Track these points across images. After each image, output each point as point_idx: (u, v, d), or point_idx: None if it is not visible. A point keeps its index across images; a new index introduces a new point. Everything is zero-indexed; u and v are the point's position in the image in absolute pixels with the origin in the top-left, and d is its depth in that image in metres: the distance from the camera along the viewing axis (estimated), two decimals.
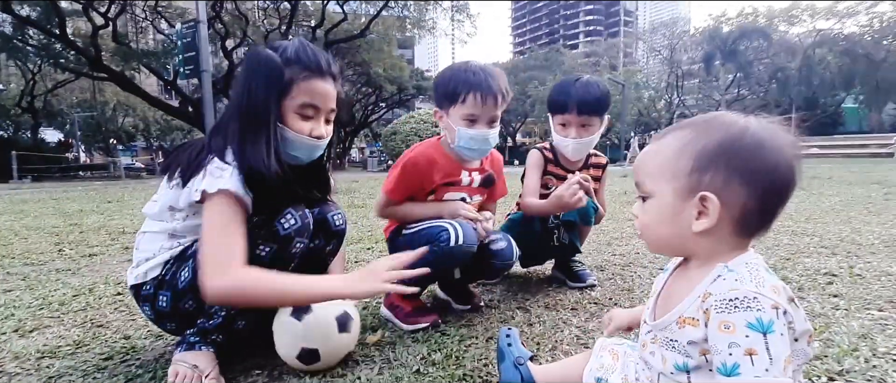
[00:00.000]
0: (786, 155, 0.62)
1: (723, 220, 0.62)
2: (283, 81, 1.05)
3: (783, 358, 0.55)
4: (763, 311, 0.56)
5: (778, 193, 0.62)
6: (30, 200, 6.45)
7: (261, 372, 1.14)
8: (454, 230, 1.34)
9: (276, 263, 1.07)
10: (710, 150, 0.62)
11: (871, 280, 1.76)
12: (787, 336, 0.56)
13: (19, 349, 1.29)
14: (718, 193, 0.61)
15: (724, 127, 0.64)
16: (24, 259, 2.51)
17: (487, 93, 1.35)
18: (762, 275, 0.60)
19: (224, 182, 0.99)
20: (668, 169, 0.65)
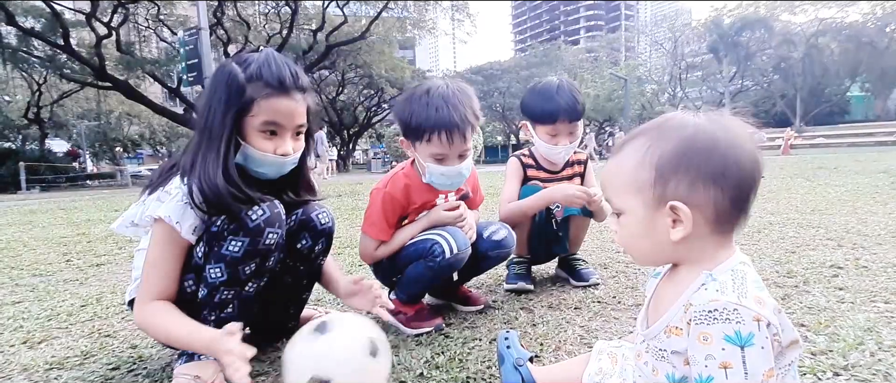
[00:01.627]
0: (744, 146, 0.61)
1: (698, 223, 0.61)
2: (242, 99, 1.04)
3: (762, 372, 0.55)
4: (742, 324, 0.55)
5: (745, 185, 0.62)
6: (38, 211, 6.52)
7: (265, 377, 1.15)
8: (446, 241, 1.33)
9: (252, 258, 1.07)
10: (668, 158, 0.62)
11: (877, 271, 1.74)
12: (769, 349, 0.56)
13: (28, 361, 1.30)
14: (686, 199, 0.61)
15: (677, 131, 0.63)
16: (33, 270, 2.54)
17: (452, 130, 1.26)
18: (747, 284, 0.59)
19: (162, 208, 1.02)
20: (632, 183, 0.65)
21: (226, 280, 1.07)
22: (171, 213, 1.01)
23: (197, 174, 1.02)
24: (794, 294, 1.54)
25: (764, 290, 0.60)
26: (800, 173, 6.58)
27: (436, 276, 1.37)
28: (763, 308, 0.57)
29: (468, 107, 1.30)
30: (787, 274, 1.77)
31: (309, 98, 1.13)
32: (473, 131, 1.33)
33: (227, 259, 1.06)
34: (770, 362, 0.55)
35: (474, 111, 1.32)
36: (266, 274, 1.16)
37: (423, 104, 1.28)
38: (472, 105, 1.32)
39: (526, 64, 33.27)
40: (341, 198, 6.20)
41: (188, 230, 1.04)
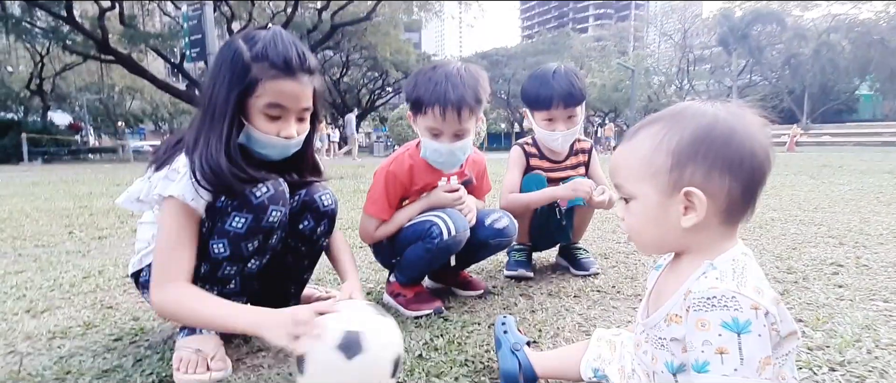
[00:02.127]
0: (758, 138, 0.62)
1: (710, 212, 0.62)
2: (247, 79, 1.02)
3: (758, 359, 0.55)
4: (740, 311, 0.56)
5: (758, 176, 0.63)
6: (40, 183, 6.54)
7: (266, 354, 1.16)
8: (444, 223, 1.33)
9: (256, 235, 1.07)
10: (686, 144, 0.62)
11: (877, 270, 1.74)
12: (766, 337, 0.56)
13: (31, 329, 1.32)
14: (702, 186, 0.61)
15: (695, 118, 0.63)
16: (36, 241, 2.56)
17: (446, 106, 1.27)
18: (746, 274, 0.60)
19: (173, 187, 1.00)
20: (647, 168, 0.65)
21: (228, 256, 1.07)
22: (184, 192, 1.00)
23: (199, 153, 1.01)
24: (793, 290, 1.55)
25: (764, 281, 0.60)
26: (804, 170, 6.55)
27: (434, 258, 1.37)
28: (762, 297, 0.57)
29: (470, 88, 1.30)
30: (788, 270, 1.78)
31: (316, 80, 1.11)
32: (472, 114, 1.33)
33: (231, 235, 1.06)
34: (767, 350, 0.56)
35: (476, 94, 1.32)
36: (268, 251, 1.16)
37: (427, 78, 1.31)
38: (475, 88, 1.32)
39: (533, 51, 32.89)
40: (343, 181, 6.19)
41: (202, 206, 1.03)
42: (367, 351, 0.82)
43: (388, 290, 1.51)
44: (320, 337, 0.82)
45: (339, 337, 0.81)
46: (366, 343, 0.82)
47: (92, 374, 1.05)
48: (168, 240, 1.01)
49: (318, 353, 0.81)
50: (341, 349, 0.80)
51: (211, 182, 1.00)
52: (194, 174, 1.00)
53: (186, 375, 1.02)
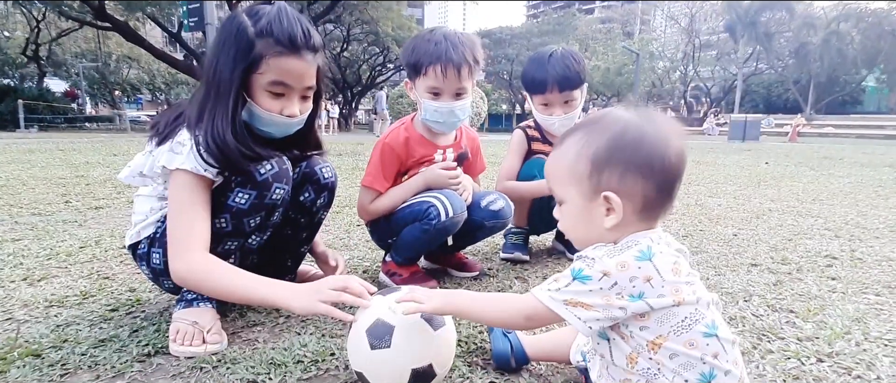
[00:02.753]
0: (668, 140, 0.67)
1: (628, 211, 0.68)
2: (251, 55, 1.00)
3: (570, 296, 0.66)
4: (589, 268, 0.65)
5: (671, 177, 0.68)
6: (36, 150, 6.50)
7: (262, 328, 1.17)
8: (441, 204, 1.33)
9: (258, 211, 1.08)
10: (602, 151, 0.68)
11: (871, 264, 1.75)
12: (596, 294, 0.65)
13: (28, 297, 1.32)
14: (617, 190, 0.67)
15: (609, 126, 0.69)
16: (32, 209, 2.55)
17: (448, 64, 1.31)
18: (625, 252, 0.65)
19: (181, 160, 0.99)
20: (571, 174, 0.70)
21: (231, 230, 1.07)
22: (197, 165, 0.99)
23: (205, 129, 1.00)
24: (786, 280, 1.56)
25: (646, 260, 0.64)
26: (805, 162, 6.54)
27: (431, 239, 1.38)
28: (623, 270, 0.64)
29: (468, 48, 1.34)
30: (782, 261, 1.79)
31: (320, 58, 1.09)
32: (471, 73, 1.37)
33: (234, 210, 1.06)
34: (587, 300, 0.65)
35: (474, 54, 1.36)
36: (269, 228, 1.17)
37: (426, 40, 1.35)
38: (473, 48, 1.36)
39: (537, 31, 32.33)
40: (342, 158, 6.17)
41: (213, 172, 1.03)
42: (447, 324, 0.86)
43: (384, 269, 1.51)
44: (394, 379, 0.81)
45: (409, 375, 0.81)
46: (437, 371, 0.84)
47: (89, 343, 1.06)
48: (182, 211, 1.00)
49: (405, 325, 0.81)
50: (425, 319, 0.83)
51: (217, 158, 1.00)
52: (199, 150, 0.99)
53: (182, 347, 1.03)
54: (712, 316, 0.66)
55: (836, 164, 6.19)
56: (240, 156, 1.01)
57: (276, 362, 0.99)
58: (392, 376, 0.81)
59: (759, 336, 1.14)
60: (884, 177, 4.71)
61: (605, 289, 0.64)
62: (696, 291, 0.66)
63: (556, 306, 0.67)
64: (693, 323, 0.64)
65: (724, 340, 0.65)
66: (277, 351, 1.03)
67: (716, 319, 0.66)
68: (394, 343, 0.80)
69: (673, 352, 0.64)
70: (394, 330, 0.80)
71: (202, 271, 0.98)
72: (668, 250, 0.67)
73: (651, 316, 0.65)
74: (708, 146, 11.01)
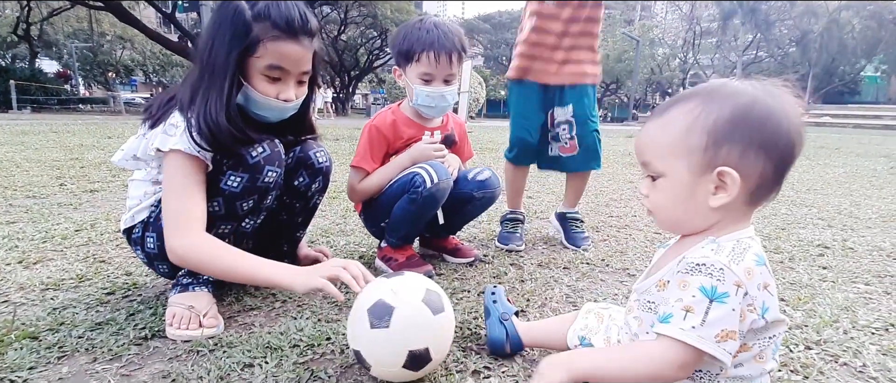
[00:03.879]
0: (793, 120, 0.62)
1: (740, 192, 0.62)
2: (248, 39, 0.99)
3: (719, 328, 0.57)
4: (722, 283, 0.58)
5: (789, 157, 0.63)
6: (30, 132, 6.43)
7: (258, 312, 1.18)
8: (426, 172, 1.36)
9: (251, 194, 1.07)
10: (722, 124, 0.61)
11: (862, 254, 1.78)
12: (736, 314, 0.57)
13: (24, 280, 1.32)
14: (737, 166, 0.61)
15: (733, 97, 0.62)
16: (26, 191, 2.54)
17: (440, 51, 1.36)
18: (745, 254, 0.60)
19: (175, 141, 0.98)
20: (680, 146, 0.63)
21: (223, 214, 1.07)
22: (190, 146, 0.99)
23: (198, 111, 0.99)
24: (778, 269, 1.58)
25: (762, 265, 0.61)
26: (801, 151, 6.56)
27: (421, 209, 1.39)
28: (750, 279, 0.58)
29: (457, 37, 1.40)
30: (775, 250, 1.80)
31: (316, 43, 1.09)
32: (460, 61, 1.42)
33: (226, 193, 1.06)
34: (734, 325, 0.58)
35: (462, 43, 1.42)
36: (263, 211, 1.17)
37: (416, 28, 1.39)
38: (460, 37, 1.42)
39: None
40: (338, 143, 6.14)
41: (206, 155, 1.02)
42: (446, 310, 0.87)
43: (380, 255, 1.52)
44: (390, 359, 0.83)
45: (422, 294, 0.85)
46: (444, 302, 0.88)
47: (85, 326, 1.06)
48: (178, 192, 1.00)
49: (389, 369, 0.84)
50: (426, 303, 0.84)
51: (209, 141, 0.99)
52: (191, 133, 0.98)
53: (179, 330, 1.04)
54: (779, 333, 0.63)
55: (831, 154, 6.21)
56: (232, 139, 1.01)
57: (273, 346, 1.00)
58: (389, 356, 0.82)
59: None
60: (878, 167, 4.74)
61: (742, 304, 0.58)
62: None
63: (710, 347, 0.58)
64: (774, 338, 0.62)
65: (774, 361, 0.64)
66: (274, 336, 1.04)
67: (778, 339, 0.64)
68: (393, 323, 0.81)
69: (738, 362, 0.61)
70: (394, 311, 0.82)
71: (203, 250, 0.98)
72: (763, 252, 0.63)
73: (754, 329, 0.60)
74: None
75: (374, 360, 0.84)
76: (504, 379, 0.91)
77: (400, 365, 0.82)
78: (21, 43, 21.53)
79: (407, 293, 0.86)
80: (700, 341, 0.58)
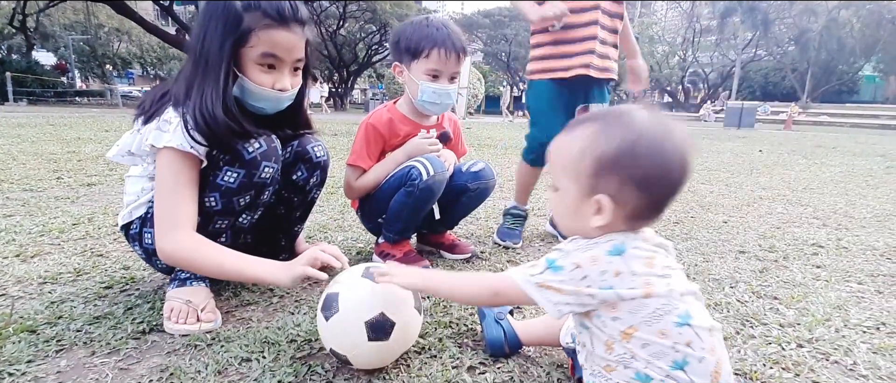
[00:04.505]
0: (678, 156, 0.66)
1: (617, 217, 0.69)
2: (240, 28, 0.99)
3: (544, 280, 0.69)
4: (564, 260, 0.69)
5: (668, 192, 0.68)
6: (27, 125, 6.40)
7: (255, 307, 1.18)
8: (422, 165, 1.37)
9: (247, 190, 1.08)
10: (608, 157, 0.67)
11: (856, 253, 1.79)
12: (568, 283, 0.68)
13: (21, 273, 1.33)
14: (613, 196, 0.67)
15: (622, 131, 0.67)
16: (23, 184, 2.53)
17: (451, 49, 1.38)
18: (597, 247, 0.68)
19: (168, 138, 0.98)
20: (573, 168, 0.71)
21: (220, 209, 1.07)
22: (183, 142, 0.99)
23: (193, 105, 0.99)
24: (772, 268, 1.59)
25: (617, 256, 0.66)
26: (798, 150, 6.58)
27: (418, 203, 1.40)
28: (593, 265, 0.67)
29: (460, 37, 1.43)
30: (770, 248, 1.82)
31: (308, 31, 1.09)
32: (464, 59, 1.44)
33: (223, 189, 1.06)
34: (558, 286, 0.68)
35: (464, 44, 1.44)
36: (260, 207, 1.17)
37: (423, 26, 1.41)
38: (462, 37, 1.45)
39: None
40: (337, 138, 6.13)
41: (201, 150, 1.02)
42: (340, 311, 0.87)
43: (377, 251, 1.53)
44: (345, 276, 0.90)
45: (362, 270, 0.90)
46: (340, 306, 0.88)
47: (83, 320, 1.07)
48: (168, 189, 1.00)
49: (360, 350, 0.86)
50: (366, 277, 0.89)
51: (205, 134, 0.99)
52: (187, 126, 0.98)
53: (177, 325, 1.04)
54: (687, 306, 0.67)
55: (828, 153, 6.23)
56: (230, 133, 1.01)
57: (270, 341, 1.00)
58: (351, 336, 0.85)
59: (743, 322, 1.17)
60: (874, 167, 4.76)
61: (575, 280, 0.67)
62: (671, 283, 0.67)
63: (530, 288, 0.70)
64: (664, 313, 0.66)
65: (699, 328, 0.66)
66: (271, 330, 1.05)
67: (691, 309, 0.67)
68: (341, 305, 0.86)
69: (645, 342, 0.66)
70: (339, 295, 0.87)
71: (189, 249, 0.99)
72: (645, 246, 0.69)
73: (621, 307, 0.67)
74: (703, 132, 11.03)
75: (344, 349, 0.86)
76: (499, 374, 0.92)
77: (366, 340, 0.84)
78: (17, 34, 21.37)
79: (347, 275, 0.91)
80: (524, 282, 0.70)
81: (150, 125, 1.02)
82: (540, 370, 0.94)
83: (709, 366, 0.66)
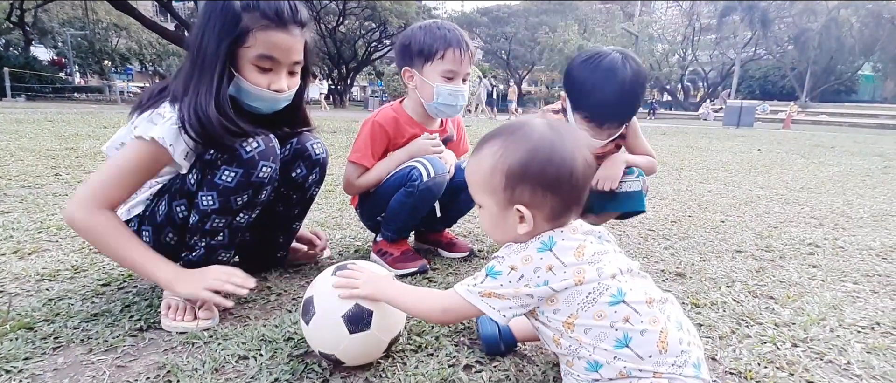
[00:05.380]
0: (576, 156, 0.72)
1: (539, 220, 0.74)
2: (238, 29, 0.99)
3: (486, 289, 0.73)
4: (499, 265, 0.73)
5: (577, 188, 0.74)
6: (24, 120, 6.38)
7: (253, 305, 1.19)
8: (423, 166, 1.37)
9: (245, 189, 1.07)
10: (515, 169, 0.73)
11: (852, 253, 1.80)
12: (508, 287, 0.72)
13: (19, 270, 1.33)
14: (528, 204, 0.73)
15: (523, 142, 0.73)
16: (21, 181, 2.53)
17: (465, 50, 1.39)
18: (527, 247, 0.73)
19: (157, 131, 0.99)
20: (487, 185, 0.75)
21: (217, 209, 1.07)
22: (166, 135, 0.98)
23: (188, 103, 0.99)
24: (769, 267, 1.60)
25: (546, 251, 0.71)
26: (796, 149, 6.60)
27: (417, 204, 1.40)
28: (526, 263, 0.71)
29: (468, 41, 1.44)
30: (766, 248, 1.82)
31: (307, 33, 1.08)
32: (472, 61, 1.45)
33: (220, 188, 1.06)
34: (499, 291, 0.73)
35: (471, 48, 1.45)
36: (258, 206, 1.17)
37: (434, 29, 1.40)
38: (469, 42, 1.46)
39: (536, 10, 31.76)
40: (336, 135, 6.13)
41: (181, 154, 1.02)
42: (317, 313, 0.89)
43: (375, 249, 1.53)
44: (317, 281, 0.91)
45: (332, 270, 0.91)
46: (316, 308, 0.89)
47: (81, 317, 1.07)
48: (122, 167, 1.01)
49: (321, 287, 0.91)
50: (303, 318, 0.90)
51: (199, 133, 0.99)
52: (183, 124, 0.98)
53: (174, 322, 1.04)
54: (619, 284, 0.70)
55: (826, 152, 6.24)
56: (223, 131, 1.00)
57: (267, 339, 1.01)
58: (332, 333, 0.86)
59: (739, 321, 1.18)
60: (872, 167, 4.77)
61: (513, 282, 0.71)
62: (602, 267, 0.71)
63: (473, 299, 0.74)
64: (597, 295, 0.69)
65: (635, 302, 0.69)
66: (268, 328, 1.05)
67: (623, 286, 0.70)
68: (317, 307, 0.88)
69: (585, 327, 0.70)
70: (314, 298, 0.90)
71: (101, 226, 0.99)
72: (573, 236, 0.73)
73: (559, 299, 0.71)
74: (702, 131, 11.04)
75: (330, 349, 0.88)
76: (495, 372, 0.92)
77: (347, 334, 0.85)
78: (15, 30, 21.28)
79: (319, 280, 0.93)
80: (467, 294, 0.75)
81: (142, 116, 1.02)
82: (536, 369, 0.94)
83: (653, 337, 0.68)
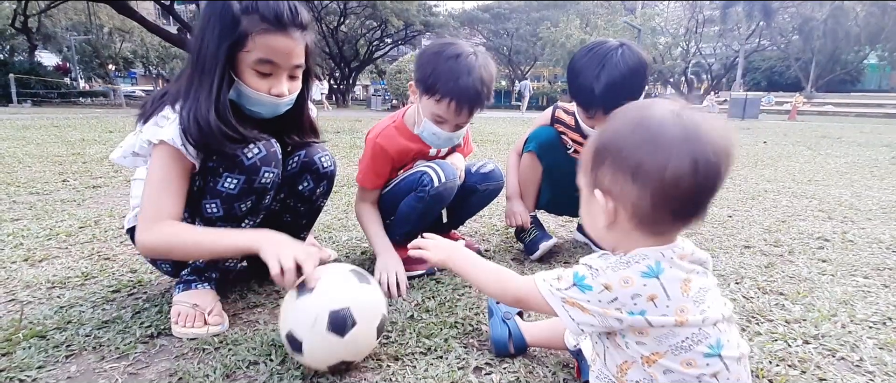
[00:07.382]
0: (682, 151, 0.55)
1: (621, 217, 0.61)
2: (237, 32, 0.98)
3: (570, 296, 0.64)
4: (592, 279, 0.62)
5: (675, 191, 0.57)
6: (31, 126, 6.43)
7: (262, 309, 1.19)
8: (434, 171, 1.36)
9: (248, 195, 1.07)
10: (602, 145, 0.61)
11: (861, 246, 1.78)
12: (594, 304, 0.62)
13: (30, 278, 1.34)
14: (609, 188, 0.60)
15: (623, 118, 0.61)
16: (29, 188, 2.55)
17: (463, 104, 1.27)
18: (629, 267, 0.61)
19: (164, 132, 0.98)
20: (584, 164, 0.65)
21: (222, 216, 1.08)
22: (174, 136, 0.99)
23: (188, 108, 0.99)
24: (778, 262, 1.58)
25: (652, 278, 0.60)
26: (803, 141, 6.54)
27: (427, 208, 1.39)
28: (626, 287, 0.60)
29: (486, 87, 1.29)
30: (775, 243, 1.81)
31: (308, 36, 1.07)
32: (482, 108, 1.33)
33: (223, 195, 1.06)
34: (584, 304, 0.63)
35: (489, 91, 1.32)
36: (262, 212, 1.17)
37: (449, 67, 1.26)
38: (490, 85, 1.32)
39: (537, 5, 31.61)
40: (339, 135, 6.13)
41: (193, 152, 1.02)
42: (371, 283, 0.92)
43: None
44: (312, 322, 0.86)
45: (327, 318, 0.85)
46: (369, 278, 0.92)
47: (92, 324, 1.08)
48: (158, 181, 1.00)
49: (314, 337, 0.86)
50: (332, 330, 0.85)
51: (198, 139, 0.98)
52: (183, 133, 0.98)
53: (185, 328, 1.05)
54: (719, 335, 0.62)
55: (833, 144, 6.19)
56: (222, 137, 1.00)
57: (277, 343, 1.01)
58: (311, 319, 0.85)
59: (749, 318, 1.17)
60: (880, 158, 4.72)
61: (604, 302, 0.61)
62: (705, 310, 0.61)
63: (555, 302, 0.65)
64: (694, 343, 0.60)
65: (729, 359, 0.61)
66: (278, 333, 1.05)
67: (722, 338, 0.62)
68: (300, 337, 0.86)
69: (667, 369, 0.61)
70: (293, 331, 0.88)
71: (170, 234, 0.98)
72: (681, 264, 0.62)
73: (649, 333, 0.61)
74: None
75: (336, 359, 0.88)
76: (505, 375, 0.92)
77: (324, 328, 0.84)
78: (19, 35, 21.43)
79: (287, 307, 0.91)
80: (549, 294, 0.66)
81: (148, 123, 1.02)
82: (546, 371, 0.94)
83: None
